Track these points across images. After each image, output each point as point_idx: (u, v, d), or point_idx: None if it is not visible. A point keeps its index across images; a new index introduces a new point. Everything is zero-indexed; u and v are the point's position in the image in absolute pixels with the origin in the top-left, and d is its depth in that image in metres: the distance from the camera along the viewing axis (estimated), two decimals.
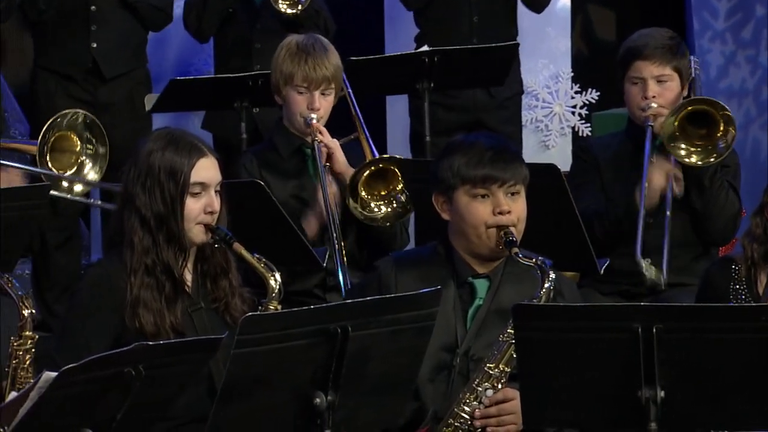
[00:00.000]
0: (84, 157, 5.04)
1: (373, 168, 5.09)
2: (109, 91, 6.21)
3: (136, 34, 6.30)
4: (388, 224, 5.10)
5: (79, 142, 5.05)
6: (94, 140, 5.04)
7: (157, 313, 3.91)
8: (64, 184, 5.06)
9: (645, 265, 4.91)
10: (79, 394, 3.28)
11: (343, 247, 5.05)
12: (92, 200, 5.39)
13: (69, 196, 5.06)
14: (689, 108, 4.98)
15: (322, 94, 5.10)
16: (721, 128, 4.96)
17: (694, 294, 4.66)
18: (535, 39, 7.12)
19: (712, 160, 4.97)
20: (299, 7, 5.97)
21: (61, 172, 5.04)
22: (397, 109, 6.96)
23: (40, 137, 4.99)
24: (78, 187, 5.08)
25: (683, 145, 4.98)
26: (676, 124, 4.97)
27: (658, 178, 5.00)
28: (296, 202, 5.16)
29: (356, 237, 5.21)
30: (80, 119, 5.05)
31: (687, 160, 4.98)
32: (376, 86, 5.97)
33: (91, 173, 5.06)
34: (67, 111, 5.07)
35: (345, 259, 5.00)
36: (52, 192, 4.83)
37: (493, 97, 6.45)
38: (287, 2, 6.00)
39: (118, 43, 6.22)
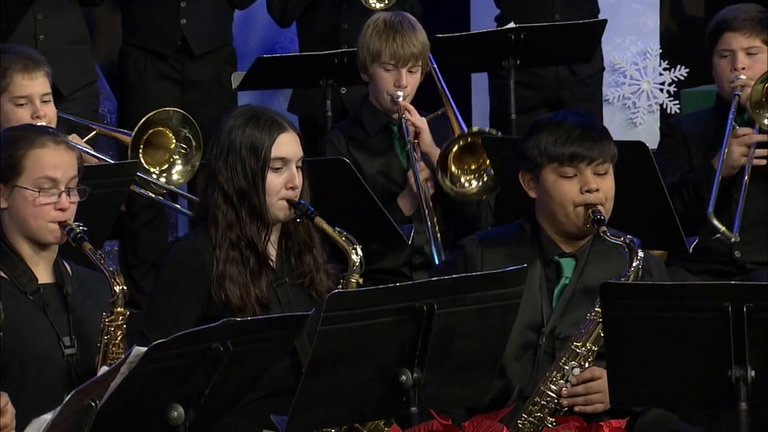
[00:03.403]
0: (176, 156, 5.08)
1: (461, 142, 5.08)
2: (197, 69, 6.24)
3: (223, 11, 6.33)
4: (483, 197, 5.09)
5: (174, 140, 5.09)
6: (192, 141, 5.07)
7: (243, 286, 3.95)
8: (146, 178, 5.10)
9: (717, 221, 4.87)
10: (168, 368, 3.31)
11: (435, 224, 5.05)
12: (178, 205, 5.42)
13: (149, 193, 5.10)
14: None
15: (409, 71, 5.11)
16: None
17: None
18: (623, 15, 7.06)
19: None
20: (386, 2, 5.94)
21: (151, 167, 5.08)
22: (482, 86, 6.94)
23: (134, 132, 5.02)
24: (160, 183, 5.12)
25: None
26: (763, 90, 4.91)
27: (738, 149, 4.95)
28: (383, 178, 5.17)
29: (443, 213, 5.21)
30: (175, 115, 5.08)
31: None
32: (461, 64, 5.95)
33: (178, 174, 5.10)
34: (163, 109, 5.11)
35: (438, 234, 5.01)
36: (134, 188, 4.88)
37: (576, 74, 6.41)
38: None
39: (206, 20, 6.26)
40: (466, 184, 5.09)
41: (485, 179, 5.08)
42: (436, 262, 4.93)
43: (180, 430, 3.36)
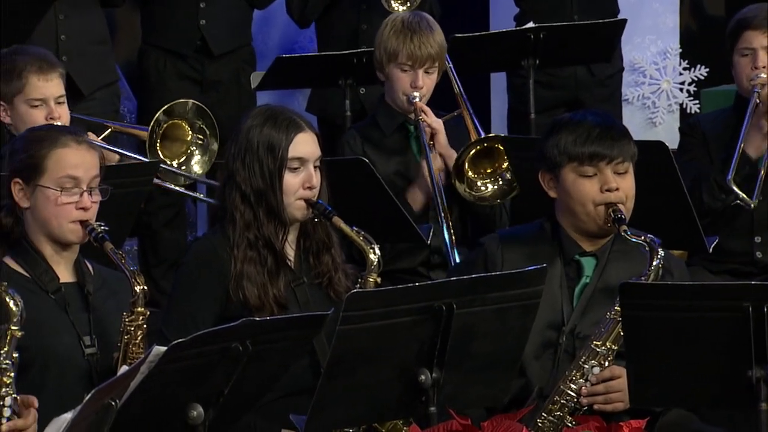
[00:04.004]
0: (194, 147, 5.09)
1: (477, 147, 5.07)
2: (216, 69, 6.26)
3: (242, 11, 6.34)
4: (498, 201, 5.08)
5: (190, 132, 5.10)
6: (206, 130, 5.09)
7: (261, 286, 3.96)
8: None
9: (736, 187, 4.87)
10: (188, 368, 3.32)
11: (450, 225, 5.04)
12: (197, 193, 5.44)
13: (173, 186, 5.11)
14: None
15: (426, 72, 5.09)
16: None
17: None
18: (642, 15, 7.04)
19: None
20: (408, 4, 5.93)
21: (169, 160, 5.09)
22: (501, 86, 6.93)
23: (150, 126, 5.04)
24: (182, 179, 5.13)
25: None
26: None
27: (756, 142, 4.94)
28: (399, 179, 5.17)
29: (459, 213, 5.20)
30: (189, 107, 5.09)
31: None
32: (480, 63, 5.95)
33: (197, 165, 5.11)
34: (178, 101, 5.12)
35: (453, 236, 5.00)
36: (156, 181, 4.89)
37: (594, 75, 6.40)
38: (399, 0, 5.94)
39: (225, 21, 6.27)
40: (483, 188, 5.08)
41: (500, 183, 5.07)
42: (450, 259, 4.92)
43: (199, 429, 3.37)
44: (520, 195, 5.01)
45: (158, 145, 5.06)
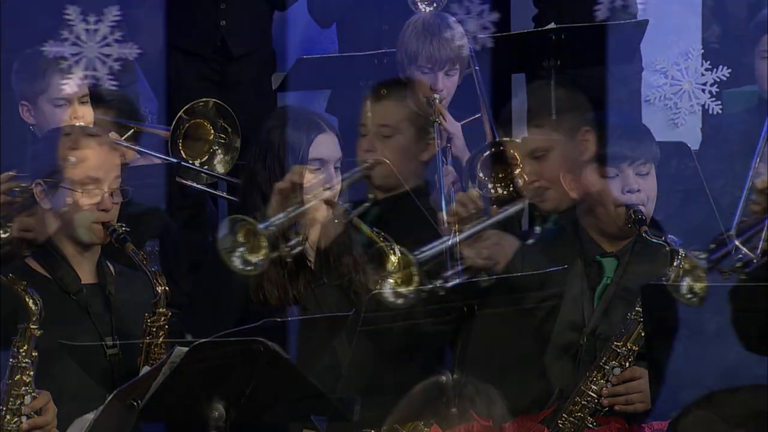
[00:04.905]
0: (216, 147, 5.10)
1: (492, 150, 5.06)
2: (236, 70, 6.27)
3: (263, 12, 6.36)
4: (494, 206, 5.06)
5: (212, 131, 5.11)
6: (229, 129, 5.09)
7: (281, 287, 3.96)
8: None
9: (739, 242, 4.83)
10: (210, 368, 3.33)
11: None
12: (219, 192, 5.44)
13: (195, 184, 5.12)
14: None
15: (446, 74, 5.09)
16: None
17: None
18: (664, 15, 7.03)
19: None
20: (435, 5, 5.92)
21: (191, 159, 5.10)
22: (522, 87, 6.92)
23: (172, 126, 5.05)
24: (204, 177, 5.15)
25: None
26: None
27: None
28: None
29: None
30: (211, 106, 5.10)
31: None
32: (501, 65, 5.93)
33: (220, 164, 5.11)
34: (199, 100, 5.13)
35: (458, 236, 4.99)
36: (178, 179, 4.90)
37: (613, 74, 6.39)
38: (426, 1, 5.94)
39: (246, 21, 6.28)
40: (492, 191, 5.07)
41: (511, 189, 5.06)
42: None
43: (221, 429, 3.37)
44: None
45: (180, 144, 5.07)
